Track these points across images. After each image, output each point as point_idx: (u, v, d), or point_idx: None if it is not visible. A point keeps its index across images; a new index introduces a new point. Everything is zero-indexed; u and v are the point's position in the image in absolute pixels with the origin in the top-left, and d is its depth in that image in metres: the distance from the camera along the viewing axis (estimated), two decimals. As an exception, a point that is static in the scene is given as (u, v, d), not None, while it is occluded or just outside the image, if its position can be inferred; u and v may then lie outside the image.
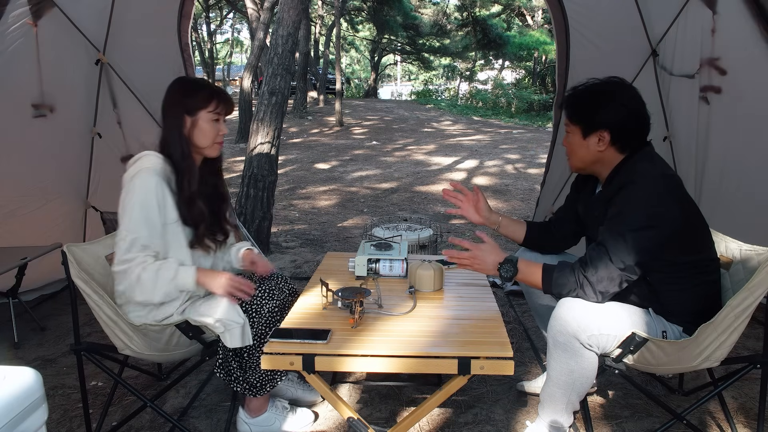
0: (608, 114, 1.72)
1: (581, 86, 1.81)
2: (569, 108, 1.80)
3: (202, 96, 1.84)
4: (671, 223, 1.63)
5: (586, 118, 1.75)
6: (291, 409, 2.05)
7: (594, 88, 1.77)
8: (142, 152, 1.85)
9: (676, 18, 2.95)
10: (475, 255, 1.76)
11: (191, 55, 3.62)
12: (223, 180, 2.03)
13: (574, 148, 1.81)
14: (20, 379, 1.12)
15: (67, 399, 2.28)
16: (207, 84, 1.90)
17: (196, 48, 22.40)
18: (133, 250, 1.71)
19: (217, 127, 1.87)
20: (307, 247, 4.57)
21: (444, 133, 14.26)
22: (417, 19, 23.77)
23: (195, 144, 1.85)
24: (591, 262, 1.63)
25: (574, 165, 1.86)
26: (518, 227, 2.10)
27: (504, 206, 6.18)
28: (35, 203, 3.20)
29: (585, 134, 1.76)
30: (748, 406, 2.17)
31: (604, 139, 1.73)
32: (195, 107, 1.83)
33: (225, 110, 1.88)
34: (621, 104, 1.73)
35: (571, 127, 1.79)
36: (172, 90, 1.89)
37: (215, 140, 1.88)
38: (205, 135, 1.85)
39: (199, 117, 1.83)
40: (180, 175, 1.81)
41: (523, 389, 2.28)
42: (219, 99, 1.86)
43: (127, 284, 1.73)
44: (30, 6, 2.72)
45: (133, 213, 1.72)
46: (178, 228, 1.81)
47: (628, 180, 1.67)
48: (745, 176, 2.90)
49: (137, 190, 1.73)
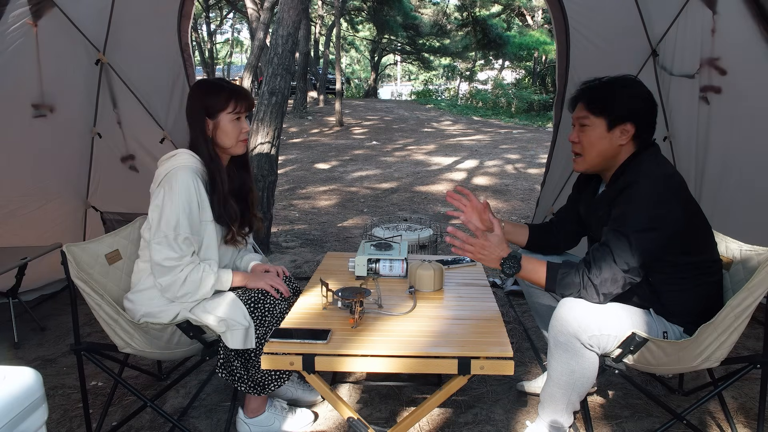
0: (634, 105, 1.72)
1: (596, 80, 1.79)
2: (592, 101, 1.76)
3: (221, 98, 1.87)
4: (674, 224, 1.62)
5: (614, 109, 1.72)
6: (290, 410, 2.05)
7: (614, 81, 1.76)
8: (177, 150, 1.89)
9: (676, 18, 2.95)
10: (483, 245, 1.73)
11: (191, 55, 3.62)
12: (250, 174, 2.08)
13: (593, 141, 1.76)
14: (20, 379, 1.12)
15: (67, 399, 2.28)
16: (225, 85, 1.92)
17: (196, 48, 22.39)
18: (181, 247, 1.77)
19: (240, 126, 1.91)
20: (307, 247, 4.57)
21: (444, 133, 14.26)
22: (417, 19, 23.76)
23: (219, 145, 1.90)
24: (595, 263, 1.63)
25: (590, 161, 1.80)
26: (521, 231, 2.09)
27: (504, 206, 6.18)
28: (35, 203, 3.20)
29: (610, 126, 1.73)
30: (748, 406, 2.17)
31: (627, 132, 1.72)
32: (215, 110, 1.87)
33: (245, 108, 1.92)
34: (643, 97, 1.74)
35: (593, 120, 1.75)
36: (193, 95, 1.93)
37: (239, 138, 1.92)
38: (228, 135, 1.89)
39: (220, 119, 1.88)
40: (211, 175, 1.86)
41: (523, 389, 2.28)
42: (238, 98, 1.89)
43: (172, 280, 1.77)
44: (30, 6, 2.72)
45: (175, 212, 1.76)
46: (211, 226, 1.86)
47: (632, 180, 1.67)
48: (745, 176, 2.90)
49: (179, 188, 1.77)
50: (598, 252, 1.65)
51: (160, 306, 1.83)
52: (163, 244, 1.76)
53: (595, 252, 1.66)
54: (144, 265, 1.89)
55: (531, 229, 2.09)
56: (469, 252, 1.73)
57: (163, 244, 1.76)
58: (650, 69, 3.20)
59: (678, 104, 3.15)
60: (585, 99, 1.79)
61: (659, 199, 1.62)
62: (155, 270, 1.80)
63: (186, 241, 1.78)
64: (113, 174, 3.55)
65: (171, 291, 1.79)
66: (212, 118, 1.88)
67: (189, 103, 1.91)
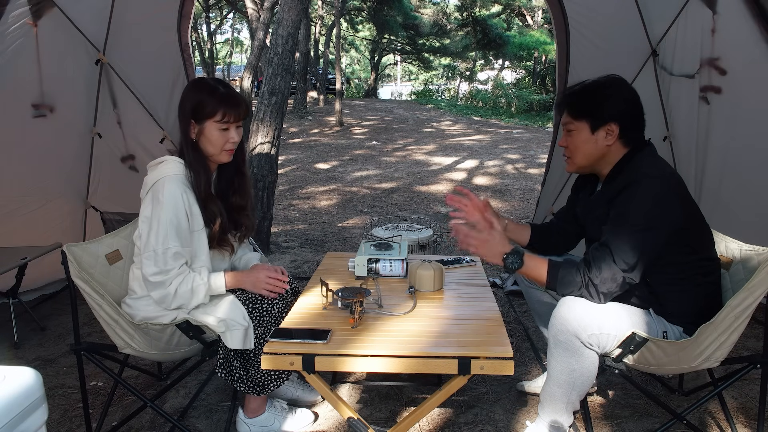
0: (615, 106, 1.74)
1: (578, 85, 1.81)
2: (573, 106, 1.79)
3: (211, 105, 1.78)
4: (673, 223, 1.63)
5: (594, 112, 1.75)
6: (290, 410, 2.05)
7: (594, 84, 1.78)
8: (164, 156, 1.83)
9: (676, 18, 2.95)
10: (486, 239, 1.72)
11: (191, 55, 3.62)
12: (245, 177, 1.99)
13: (579, 145, 1.79)
14: (20, 379, 1.12)
15: (67, 399, 2.28)
16: (220, 89, 1.81)
17: (196, 48, 22.39)
18: (167, 261, 1.73)
19: (226, 136, 1.81)
20: (307, 247, 4.57)
21: (444, 133, 14.26)
22: (417, 19, 23.77)
23: (202, 150, 1.83)
24: (594, 263, 1.63)
25: (578, 163, 1.84)
26: (523, 230, 2.10)
27: (504, 206, 6.18)
28: (35, 203, 3.20)
29: (594, 128, 1.75)
30: (748, 406, 2.17)
31: (612, 132, 1.74)
32: (202, 115, 1.79)
33: (234, 118, 1.81)
34: (623, 97, 1.76)
35: (576, 124, 1.78)
36: (185, 93, 1.85)
37: (224, 148, 1.82)
38: (212, 144, 1.81)
39: (205, 125, 1.80)
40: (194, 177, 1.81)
41: (523, 389, 2.28)
42: (228, 107, 1.78)
43: (163, 294, 1.75)
44: (30, 6, 2.72)
45: (164, 225, 1.72)
46: (203, 234, 1.82)
47: (631, 180, 1.67)
48: (745, 176, 2.90)
49: (166, 200, 1.72)
50: (598, 251, 1.65)
51: (158, 311, 1.82)
52: (151, 259, 1.72)
53: (595, 251, 1.66)
54: (138, 272, 1.85)
55: (533, 229, 2.10)
56: (471, 246, 1.72)
57: (151, 259, 1.72)
58: (650, 69, 3.20)
59: (678, 104, 3.15)
60: (567, 104, 1.81)
61: (658, 198, 1.62)
62: (145, 284, 1.77)
63: (175, 256, 1.74)
64: (113, 174, 3.55)
65: (165, 303, 1.78)
66: (198, 122, 1.79)
67: (180, 101, 1.83)
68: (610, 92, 1.76)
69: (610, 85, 1.78)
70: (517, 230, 2.09)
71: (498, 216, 2.03)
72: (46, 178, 3.24)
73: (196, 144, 1.82)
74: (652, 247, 1.62)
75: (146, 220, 1.76)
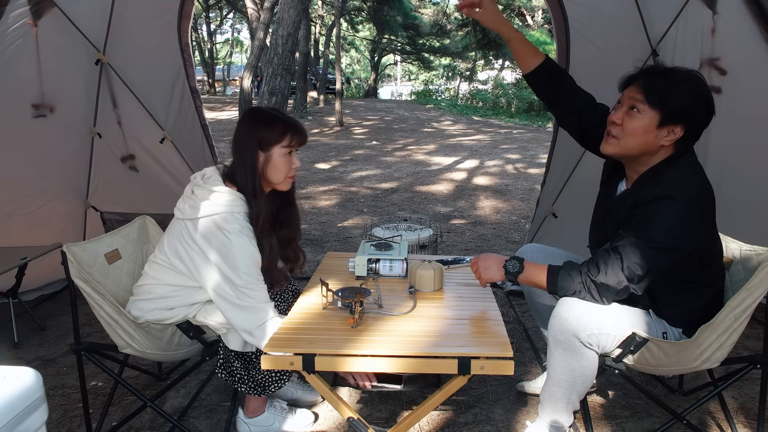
0: (697, 113, 1.60)
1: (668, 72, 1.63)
2: (655, 92, 1.59)
3: (277, 130, 1.76)
4: (692, 245, 1.58)
5: (674, 108, 1.58)
6: (290, 410, 2.05)
7: (686, 79, 1.62)
8: (213, 187, 1.74)
9: (676, 18, 2.95)
10: (476, 263, 1.80)
11: (191, 55, 3.62)
12: (294, 209, 1.97)
13: (637, 131, 1.61)
14: (20, 379, 1.12)
15: (67, 399, 2.28)
16: (281, 116, 1.81)
17: (196, 48, 22.41)
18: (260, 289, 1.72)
19: (291, 161, 1.81)
20: (307, 247, 4.57)
21: (444, 133, 14.26)
22: (417, 19, 23.80)
23: (267, 179, 1.80)
24: (601, 266, 1.59)
25: (625, 148, 1.65)
26: (532, 52, 1.91)
27: (504, 206, 6.18)
28: (35, 203, 3.20)
29: (662, 124, 1.59)
30: (748, 406, 2.17)
31: (675, 134, 1.60)
32: (269, 142, 1.76)
33: (299, 142, 1.81)
34: (708, 106, 1.62)
35: (646, 109, 1.60)
36: (245, 123, 1.81)
37: (288, 174, 1.82)
38: (278, 170, 1.79)
39: (273, 152, 1.77)
40: (252, 211, 1.76)
41: (523, 389, 2.28)
42: (293, 132, 1.79)
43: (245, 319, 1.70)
44: (30, 6, 2.72)
45: (244, 259, 1.69)
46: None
47: (662, 194, 1.56)
48: (745, 176, 2.90)
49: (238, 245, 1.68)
50: (608, 256, 1.60)
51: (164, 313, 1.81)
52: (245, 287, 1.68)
53: (605, 255, 1.61)
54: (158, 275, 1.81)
55: (546, 61, 1.92)
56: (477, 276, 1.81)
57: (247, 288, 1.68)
58: (650, 69, 3.20)
59: (678, 104, 3.14)
60: (648, 86, 1.61)
61: (684, 221, 1.55)
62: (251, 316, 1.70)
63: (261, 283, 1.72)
64: (113, 174, 3.54)
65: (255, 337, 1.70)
66: (265, 151, 1.76)
67: (241, 132, 1.79)
68: (698, 96, 1.60)
69: (701, 88, 1.62)
70: (525, 47, 1.92)
71: (505, 19, 1.94)
72: (46, 178, 3.24)
73: (262, 175, 1.79)
74: (665, 266, 1.58)
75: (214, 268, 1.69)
